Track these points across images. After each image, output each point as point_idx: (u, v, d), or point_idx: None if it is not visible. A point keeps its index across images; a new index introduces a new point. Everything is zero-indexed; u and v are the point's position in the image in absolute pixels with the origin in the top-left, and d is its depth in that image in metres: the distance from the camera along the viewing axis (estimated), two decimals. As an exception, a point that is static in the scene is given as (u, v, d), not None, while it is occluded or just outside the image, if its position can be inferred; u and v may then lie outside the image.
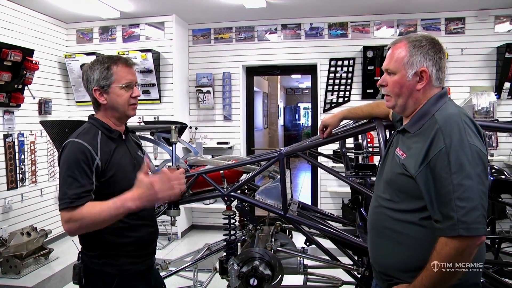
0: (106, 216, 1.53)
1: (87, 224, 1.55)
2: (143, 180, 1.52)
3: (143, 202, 1.52)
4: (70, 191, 1.56)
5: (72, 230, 1.56)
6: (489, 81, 5.25)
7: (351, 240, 2.37)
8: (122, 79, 1.72)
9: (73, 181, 1.57)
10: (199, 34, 5.91)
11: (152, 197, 1.52)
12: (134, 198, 1.51)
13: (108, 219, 1.54)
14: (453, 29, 5.31)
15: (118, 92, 1.73)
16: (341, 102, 5.64)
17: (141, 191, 1.51)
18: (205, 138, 5.86)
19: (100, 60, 1.75)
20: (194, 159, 2.92)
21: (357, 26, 5.55)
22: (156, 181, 1.51)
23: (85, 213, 1.53)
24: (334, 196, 5.69)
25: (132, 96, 1.75)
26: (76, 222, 1.54)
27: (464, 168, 1.30)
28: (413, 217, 1.45)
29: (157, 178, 1.52)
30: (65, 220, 1.55)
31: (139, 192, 1.51)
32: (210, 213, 5.90)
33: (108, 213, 1.52)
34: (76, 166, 1.59)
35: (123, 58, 1.77)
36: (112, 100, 1.74)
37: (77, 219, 1.53)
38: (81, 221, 1.54)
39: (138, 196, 1.51)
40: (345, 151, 3.08)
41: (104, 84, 1.72)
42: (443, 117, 1.40)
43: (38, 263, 4.53)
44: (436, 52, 1.48)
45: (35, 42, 4.94)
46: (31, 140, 4.90)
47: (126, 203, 1.51)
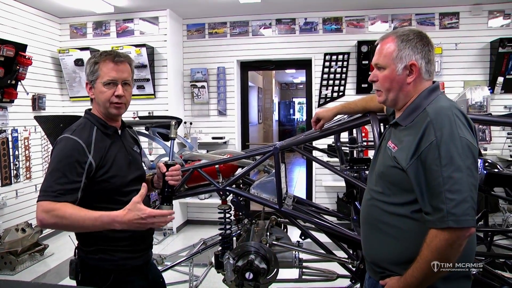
0: (89, 225, 1.52)
1: (65, 224, 1.53)
2: (138, 206, 1.51)
3: (130, 227, 1.52)
4: (56, 186, 1.54)
5: (45, 223, 1.54)
6: (482, 76, 5.28)
7: (346, 234, 2.39)
8: (105, 75, 1.70)
9: (62, 176, 1.56)
10: (193, 29, 5.89)
11: (141, 225, 1.52)
12: (122, 222, 1.51)
13: (88, 228, 1.54)
14: (447, 24, 5.33)
15: (100, 88, 1.71)
16: (336, 96, 5.65)
17: (133, 218, 1.50)
18: (200, 133, 5.86)
19: (94, 54, 1.76)
20: (189, 154, 2.92)
21: (351, 21, 5.56)
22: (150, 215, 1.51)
23: (68, 214, 1.50)
24: (329, 191, 5.71)
25: (114, 94, 1.71)
26: (55, 218, 1.51)
27: (454, 160, 1.31)
28: (404, 210, 1.46)
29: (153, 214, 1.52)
30: (43, 210, 1.51)
31: (129, 217, 1.50)
32: (205, 208, 5.91)
33: (91, 223, 1.51)
34: (68, 162, 1.58)
35: (113, 54, 1.73)
36: (96, 96, 1.74)
37: (57, 215, 1.50)
38: (61, 219, 1.51)
39: (128, 221, 1.50)
40: (339, 145, 3.09)
41: (91, 79, 1.73)
42: (434, 110, 1.41)
43: (33, 259, 4.52)
44: (424, 45, 1.49)
45: (28, 37, 4.90)
46: (25, 136, 4.88)
47: (114, 223, 1.51)
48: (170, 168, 1.76)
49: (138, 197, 1.53)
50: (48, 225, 1.58)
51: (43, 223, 1.54)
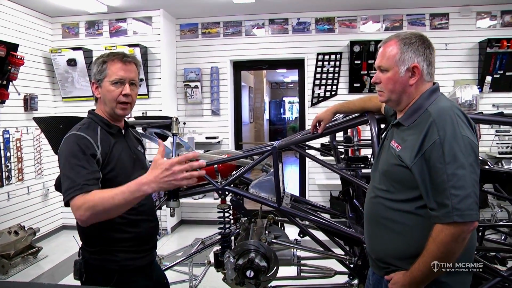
0: (120, 201, 1.43)
1: (100, 211, 1.45)
2: (159, 161, 1.41)
3: (160, 185, 1.40)
4: (79, 179, 1.51)
5: (83, 218, 1.47)
6: (472, 75, 5.40)
7: (344, 231, 2.43)
8: (113, 74, 1.71)
9: (82, 168, 1.54)
10: (186, 29, 5.89)
11: (170, 178, 1.39)
12: (150, 181, 1.40)
13: (122, 204, 1.44)
14: (438, 25, 5.43)
15: (108, 87, 1.72)
16: (328, 96, 5.70)
17: (158, 172, 1.39)
18: (193, 133, 5.86)
19: (102, 55, 1.77)
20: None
21: (344, 21, 5.61)
22: (174, 163, 1.39)
23: (97, 200, 1.45)
24: (322, 189, 5.77)
25: (122, 93, 1.72)
26: (89, 210, 1.45)
27: (457, 158, 1.37)
28: (409, 206, 1.51)
29: (176, 160, 1.40)
30: (77, 207, 1.47)
31: (155, 174, 1.40)
32: (199, 207, 5.91)
33: (122, 197, 1.43)
34: (82, 154, 1.58)
35: (121, 54, 1.76)
36: (103, 95, 1.74)
37: (88, 207, 1.45)
38: (94, 208, 1.45)
39: (154, 178, 1.40)
40: (335, 144, 3.13)
41: (98, 78, 1.74)
42: (437, 110, 1.46)
43: (26, 262, 4.47)
44: (426, 48, 1.55)
45: (19, 36, 4.83)
46: (17, 137, 4.81)
47: (142, 187, 1.41)
48: None
49: (158, 155, 1.44)
50: (87, 219, 1.48)
51: (82, 220, 1.49)
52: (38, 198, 5.19)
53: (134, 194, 1.42)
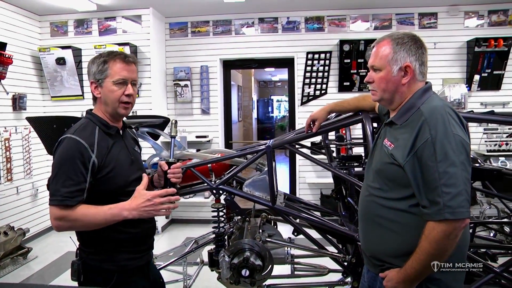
0: (101, 221, 1.60)
1: (79, 226, 1.63)
2: (142, 192, 1.62)
3: (140, 213, 1.60)
4: (63, 189, 1.57)
5: (61, 228, 1.61)
6: (460, 74, 5.49)
7: (337, 229, 2.45)
8: (115, 74, 1.70)
9: (67, 178, 1.58)
10: (176, 27, 5.87)
11: (150, 208, 1.61)
12: (131, 208, 1.59)
13: (101, 223, 1.60)
14: (426, 24, 5.50)
15: (110, 87, 1.71)
16: (318, 95, 5.74)
17: (140, 202, 1.60)
18: (183, 132, 5.84)
19: (101, 54, 1.75)
20: (180, 153, 2.93)
21: (333, 20, 5.65)
22: (155, 195, 1.61)
23: (79, 215, 1.58)
24: (313, 187, 5.81)
25: (125, 93, 1.72)
26: (69, 222, 1.59)
27: (448, 156, 1.39)
28: (402, 204, 1.53)
29: (158, 193, 1.62)
30: (56, 217, 1.58)
31: (137, 202, 1.60)
32: (189, 207, 5.89)
33: (103, 217, 1.59)
34: (71, 163, 1.59)
35: (123, 54, 1.75)
36: (104, 95, 1.73)
37: (70, 219, 1.58)
38: (74, 222, 1.59)
39: (136, 206, 1.59)
40: (328, 143, 3.15)
41: (99, 78, 1.72)
42: (429, 109, 1.49)
43: (16, 263, 4.42)
44: (418, 48, 1.57)
45: (7, 35, 4.75)
46: (5, 137, 4.74)
47: (123, 212, 1.59)
48: (171, 166, 1.78)
49: (141, 186, 1.64)
50: (64, 230, 1.63)
51: (59, 229, 1.62)
52: (28, 198, 5.13)
53: (114, 217, 1.60)
